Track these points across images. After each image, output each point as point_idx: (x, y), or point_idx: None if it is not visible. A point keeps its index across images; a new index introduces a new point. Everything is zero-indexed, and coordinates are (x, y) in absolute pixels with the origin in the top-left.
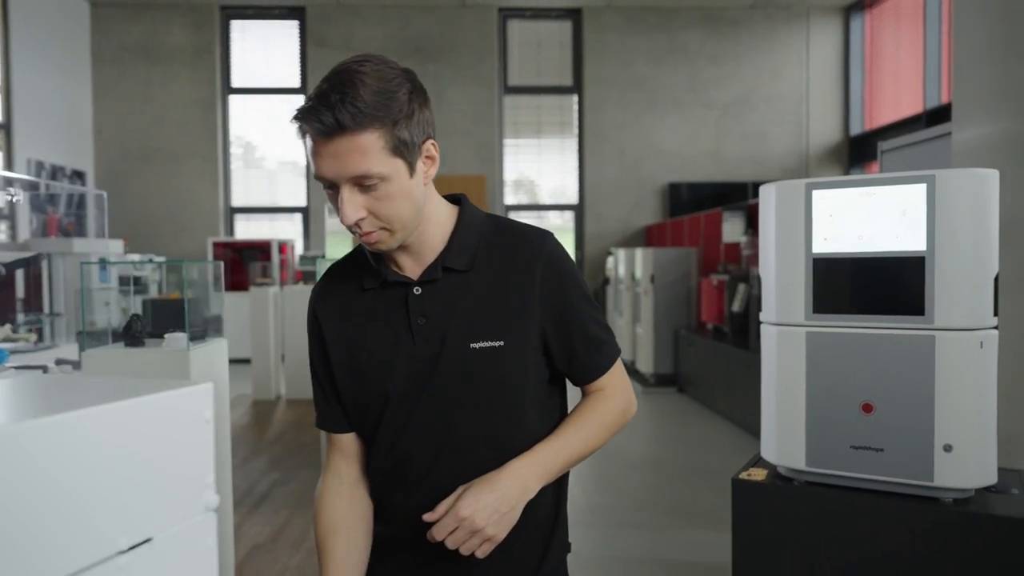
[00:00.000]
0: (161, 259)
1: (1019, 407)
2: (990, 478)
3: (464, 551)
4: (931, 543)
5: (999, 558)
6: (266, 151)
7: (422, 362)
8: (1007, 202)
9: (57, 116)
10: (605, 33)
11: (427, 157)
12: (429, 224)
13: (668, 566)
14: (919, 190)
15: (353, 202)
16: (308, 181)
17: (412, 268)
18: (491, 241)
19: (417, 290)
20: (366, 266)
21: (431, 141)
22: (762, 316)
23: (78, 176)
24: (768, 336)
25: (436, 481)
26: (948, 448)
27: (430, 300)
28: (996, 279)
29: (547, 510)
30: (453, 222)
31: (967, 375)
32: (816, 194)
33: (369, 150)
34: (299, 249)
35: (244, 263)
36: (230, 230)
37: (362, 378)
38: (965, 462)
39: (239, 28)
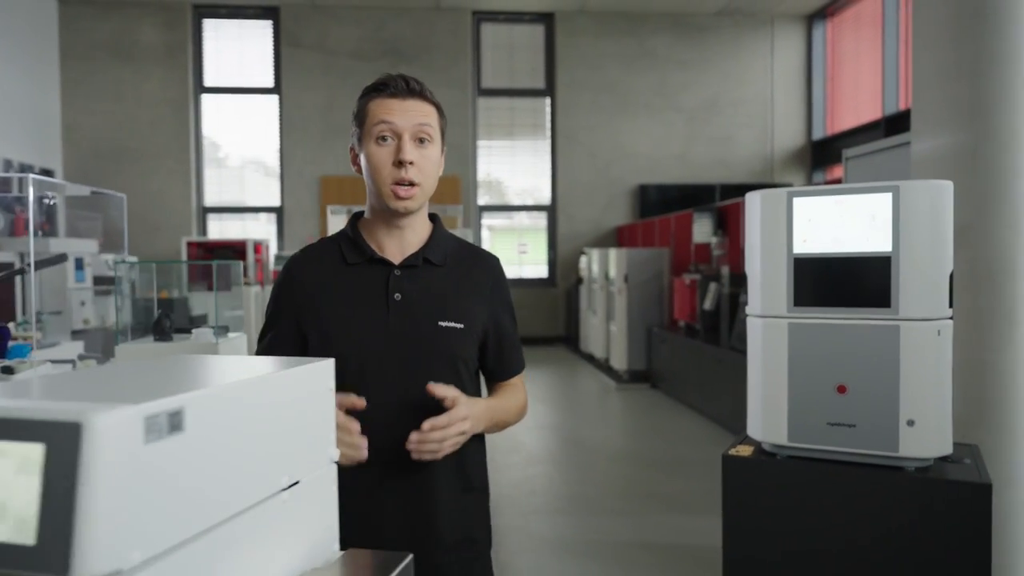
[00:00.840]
0: (133, 259)
1: (968, 390)
2: (947, 449)
3: (429, 447)
4: (897, 506)
5: (954, 517)
6: (239, 151)
7: (393, 332)
8: (958, 208)
9: (24, 114)
10: (577, 37)
11: (442, 160)
12: (419, 221)
13: (652, 549)
14: (886, 198)
15: (411, 148)
16: (282, 181)
17: (394, 253)
18: (458, 250)
19: (398, 272)
20: (347, 245)
21: (444, 152)
22: (748, 310)
23: (47, 175)
24: (754, 327)
25: (389, 429)
26: (911, 423)
27: (408, 282)
28: (951, 276)
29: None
30: (430, 228)
31: (927, 359)
32: (796, 201)
33: (431, 115)
34: (273, 249)
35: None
36: (203, 230)
37: (335, 337)
38: (925, 435)
39: (212, 27)
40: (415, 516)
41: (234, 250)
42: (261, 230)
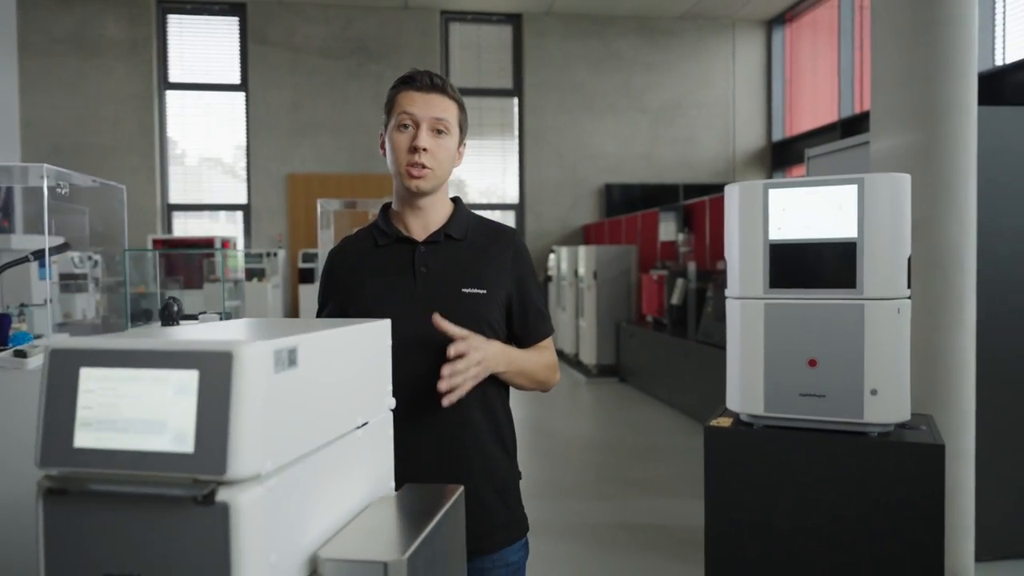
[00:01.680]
0: (97, 256)
1: (923, 370)
2: (905, 415)
3: (454, 382)
4: (862, 468)
5: (913, 475)
6: (204, 148)
7: (420, 301)
8: (913, 203)
9: None
10: (544, 38)
11: (460, 151)
12: (439, 202)
13: (630, 529)
14: (851, 190)
15: (427, 137)
16: (249, 179)
17: (419, 232)
18: (478, 226)
19: (422, 248)
20: (377, 230)
21: (464, 146)
22: (727, 292)
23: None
24: (732, 308)
25: (420, 391)
26: (874, 392)
27: (432, 256)
28: (909, 260)
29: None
30: (451, 208)
31: (888, 334)
32: (772, 192)
33: (450, 110)
34: (240, 247)
35: (186, 260)
36: (168, 227)
37: (372, 310)
38: (887, 403)
39: (177, 23)
40: (451, 463)
41: (201, 248)
42: (227, 228)
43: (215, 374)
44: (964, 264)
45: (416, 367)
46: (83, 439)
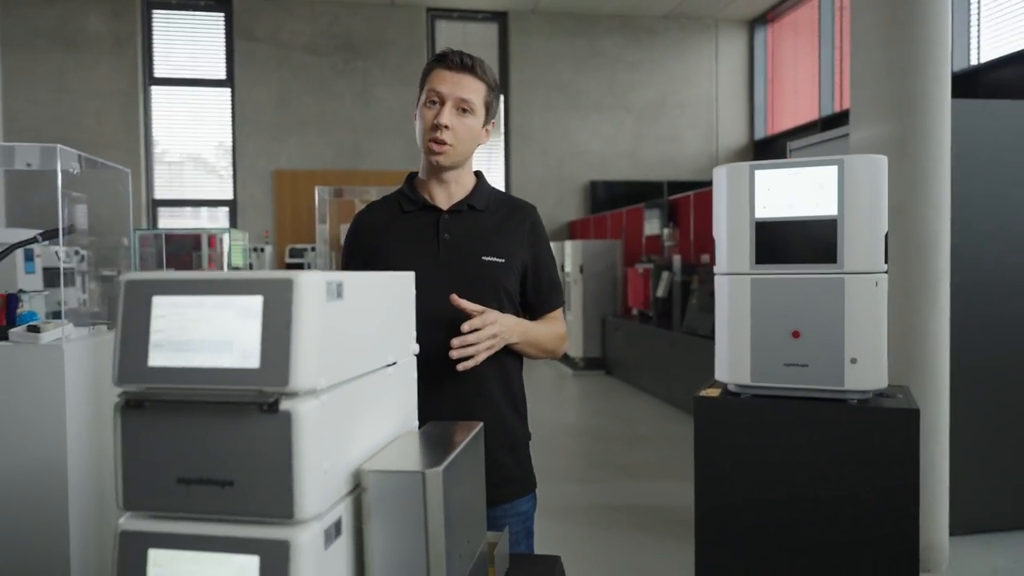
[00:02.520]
0: (85, 252)
1: (900, 349)
2: (883, 383)
3: (467, 351)
4: (843, 433)
5: (890, 439)
6: (190, 144)
7: (443, 266)
8: (891, 190)
9: None
10: (530, 37)
11: (486, 130)
12: (464, 175)
13: (621, 509)
14: (832, 170)
15: (450, 115)
16: (235, 175)
17: (443, 201)
18: (498, 199)
19: (446, 216)
20: (403, 197)
21: (492, 124)
22: (716, 268)
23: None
24: (721, 284)
25: (442, 352)
26: (854, 361)
27: (455, 224)
28: (886, 236)
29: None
30: (475, 181)
31: (866, 306)
32: (758, 173)
33: (477, 91)
34: (227, 242)
35: (177, 253)
36: (153, 222)
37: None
38: (865, 371)
39: (162, 18)
40: (467, 420)
41: (187, 242)
42: (212, 224)
43: (277, 299)
44: (939, 247)
45: (438, 330)
46: (156, 359)
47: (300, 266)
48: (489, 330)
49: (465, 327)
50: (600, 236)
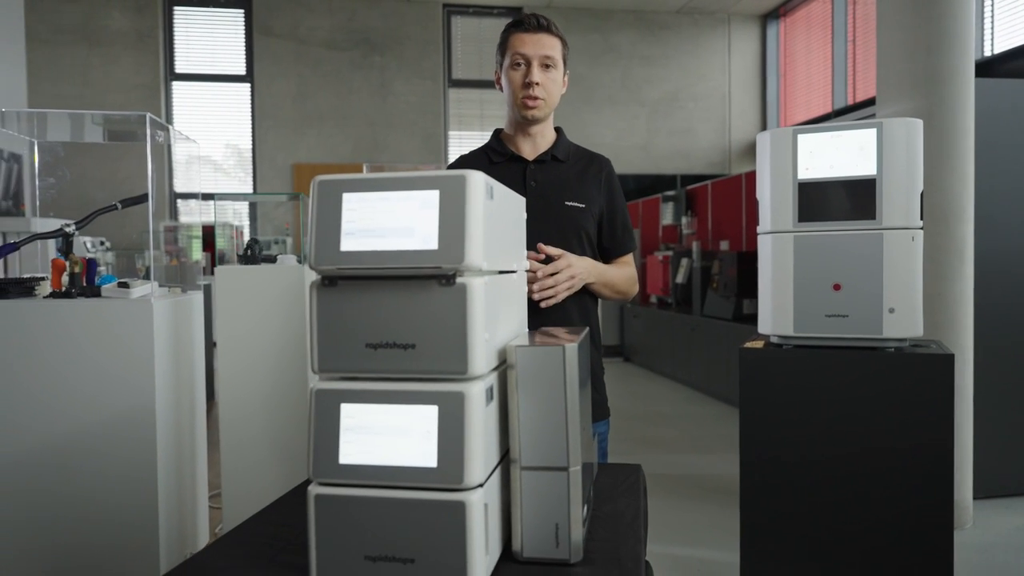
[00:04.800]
0: (108, 242)
1: (925, 312)
2: (918, 331)
3: (547, 292)
4: (882, 378)
5: (925, 383)
6: (210, 138)
7: (530, 211)
8: None
9: None
10: None
11: (565, 80)
12: (547, 128)
13: (653, 478)
14: (871, 133)
15: (538, 72)
16: (255, 168)
17: (528, 152)
18: (577, 151)
19: (532, 166)
20: (491, 150)
21: (567, 74)
22: (759, 228)
23: (15, 159)
24: (764, 242)
25: (529, 292)
26: (892, 310)
27: (540, 173)
28: (921, 195)
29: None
30: (556, 135)
31: (903, 259)
32: (800, 137)
33: (555, 47)
34: (247, 235)
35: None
36: (174, 215)
37: None
38: (902, 320)
39: (183, 14)
40: None
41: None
42: (232, 217)
43: (452, 193)
44: (966, 216)
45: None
46: (348, 244)
47: None
48: (567, 272)
49: (542, 272)
50: None
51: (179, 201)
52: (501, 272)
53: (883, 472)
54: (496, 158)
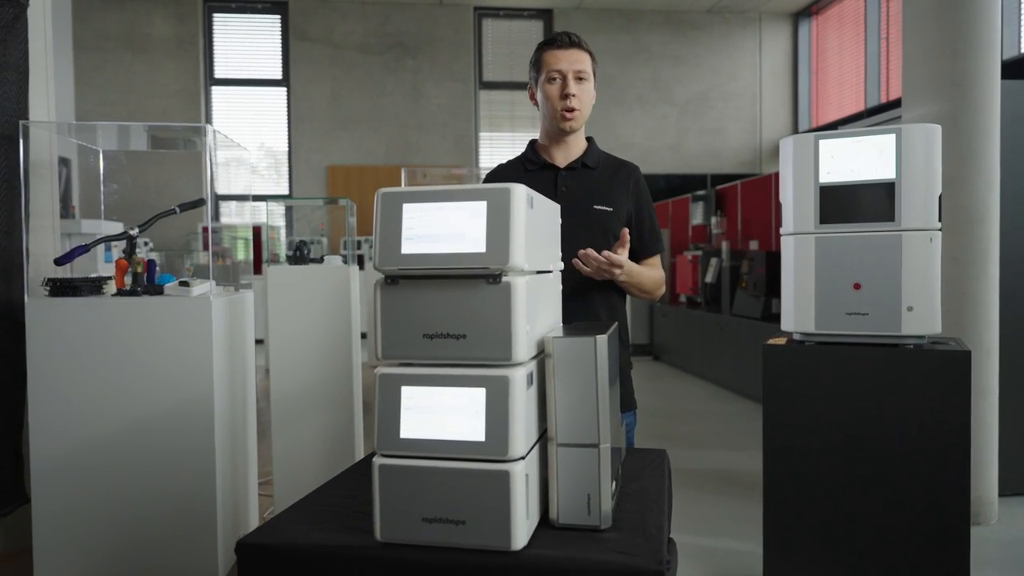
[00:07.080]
0: (151, 244)
1: (949, 316)
2: (936, 329)
3: (590, 266)
4: (900, 374)
5: (943, 380)
6: (248, 142)
7: (561, 214)
8: (943, 165)
9: None
10: None
11: (595, 91)
12: (579, 138)
13: (680, 473)
14: (891, 138)
15: (574, 85)
16: (290, 170)
17: (560, 160)
18: (607, 159)
19: (563, 173)
20: (527, 160)
21: (597, 84)
22: (782, 230)
23: (63, 163)
24: (787, 243)
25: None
26: (910, 309)
27: (571, 179)
28: (940, 198)
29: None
30: (587, 144)
31: (922, 259)
32: (822, 143)
33: (586, 61)
34: (283, 236)
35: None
36: (216, 216)
37: None
38: (921, 318)
39: (222, 21)
40: None
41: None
42: (271, 219)
43: (498, 203)
44: (991, 218)
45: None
46: (407, 247)
47: (360, 257)
48: (615, 260)
49: (602, 254)
50: None
51: (220, 203)
52: (540, 272)
53: (902, 465)
54: (530, 166)
